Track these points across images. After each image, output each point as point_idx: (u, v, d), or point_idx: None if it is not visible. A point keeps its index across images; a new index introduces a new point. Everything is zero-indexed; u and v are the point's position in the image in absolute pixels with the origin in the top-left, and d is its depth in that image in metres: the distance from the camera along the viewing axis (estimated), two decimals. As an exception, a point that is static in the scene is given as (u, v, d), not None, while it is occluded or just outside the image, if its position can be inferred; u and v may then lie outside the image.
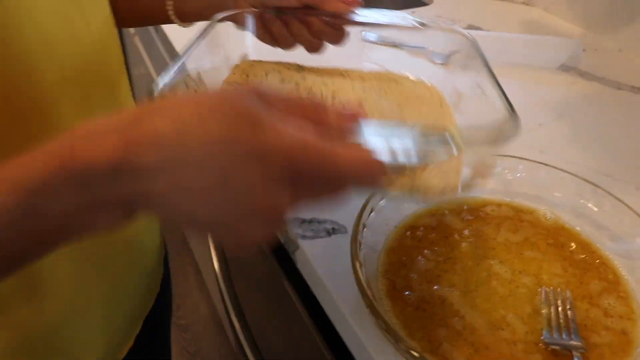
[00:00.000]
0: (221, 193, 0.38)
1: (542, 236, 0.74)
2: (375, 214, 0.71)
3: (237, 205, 0.39)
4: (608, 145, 0.99)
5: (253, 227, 0.40)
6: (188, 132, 0.37)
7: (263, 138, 0.38)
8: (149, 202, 0.39)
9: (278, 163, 0.38)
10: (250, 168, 0.38)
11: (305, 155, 0.39)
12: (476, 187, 0.71)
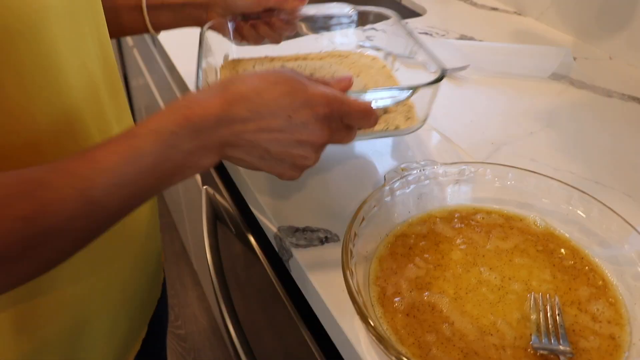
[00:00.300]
0: (287, 128, 0.60)
1: (531, 243, 0.74)
2: (367, 222, 0.72)
3: (297, 135, 0.60)
4: (598, 152, 1.00)
5: (305, 152, 0.62)
6: (263, 91, 0.58)
7: (310, 92, 0.60)
8: (239, 142, 0.59)
9: (321, 107, 0.61)
10: (305, 111, 0.60)
11: (336, 102, 0.62)
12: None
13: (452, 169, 0.80)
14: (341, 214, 0.82)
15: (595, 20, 1.39)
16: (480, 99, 1.15)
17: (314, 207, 0.84)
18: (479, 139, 1.01)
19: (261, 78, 0.60)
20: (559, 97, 1.17)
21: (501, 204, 0.80)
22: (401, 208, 0.77)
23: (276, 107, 0.59)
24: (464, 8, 1.67)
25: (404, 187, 0.78)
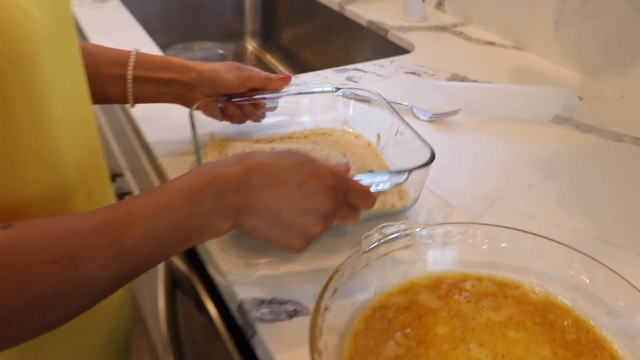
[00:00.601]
0: (298, 195, 0.71)
1: (528, 314, 0.74)
2: (340, 293, 0.72)
3: (307, 203, 0.71)
4: (606, 207, 1.00)
5: (313, 220, 0.72)
6: (277, 161, 0.71)
7: (318, 165, 0.73)
8: (255, 207, 0.69)
9: (328, 178, 0.72)
10: (314, 180, 0.71)
11: (341, 176, 0.75)
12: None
13: (437, 230, 0.81)
14: (313, 282, 0.82)
15: (604, 54, 1.41)
16: (472, 147, 1.16)
17: (282, 275, 0.84)
18: (470, 194, 1.01)
19: (274, 153, 0.73)
20: (562, 143, 1.19)
21: (493, 269, 0.80)
22: (379, 276, 0.77)
23: (289, 175, 0.71)
24: (457, 43, 1.69)
25: (383, 252, 0.78)
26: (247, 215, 0.70)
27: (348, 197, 0.76)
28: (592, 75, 1.45)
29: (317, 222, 0.73)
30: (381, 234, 0.79)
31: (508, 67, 1.52)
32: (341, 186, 0.74)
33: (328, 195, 0.72)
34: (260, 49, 2.34)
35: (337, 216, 0.76)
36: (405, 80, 1.44)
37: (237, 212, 0.69)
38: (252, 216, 0.70)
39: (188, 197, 0.66)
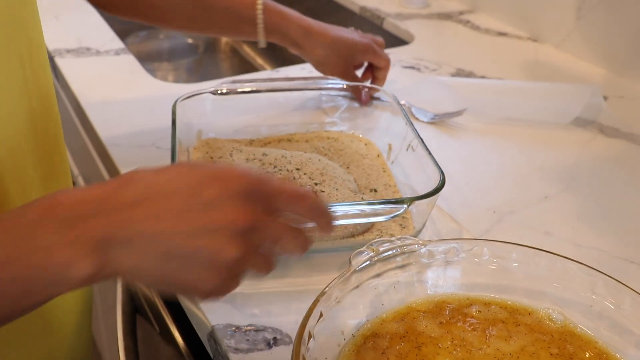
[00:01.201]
0: (190, 209, 0.57)
1: (544, 344, 0.75)
2: (326, 319, 0.72)
3: (205, 218, 0.57)
4: (634, 222, 1.02)
5: (220, 241, 0.57)
6: (159, 172, 0.59)
7: (220, 167, 0.61)
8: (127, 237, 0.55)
9: (234, 181, 0.59)
10: (213, 186, 0.58)
11: (257, 180, 0.61)
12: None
13: (438, 247, 0.81)
14: (296, 307, 0.82)
15: (633, 47, 1.42)
16: (479, 152, 1.17)
17: (260, 296, 0.84)
18: (476, 206, 1.02)
19: (159, 166, 0.61)
20: (583, 149, 1.20)
21: (503, 293, 0.80)
22: (371, 299, 0.78)
23: (173, 186, 0.58)
24: (463, 33, 1.70)
25: (376, 272, 0.78)
26: (120, 248, 0.55)
27: (272, 203, 0.63)
28: (619, 71, 1.46)
29: (228, 242, 0.58)
30: (373, 251, 0.79)
31: (522, 61, 1.53)
32: (258, 190, 0.61)
33: (235, 202, 0.58)
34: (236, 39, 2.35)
35: (262, 234, 0.61)
36: (403, 75, 1.45)
37: (99, 246, 0.55)
38: (128, 250, 0.55)
39: (13, 226, 0.54)
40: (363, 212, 0.87)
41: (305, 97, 1.15)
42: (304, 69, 1.44)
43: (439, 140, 1.19)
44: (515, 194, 1.06)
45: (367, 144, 1.13)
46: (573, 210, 1.03)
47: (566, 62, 1.53)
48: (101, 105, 1.26)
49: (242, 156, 1.04)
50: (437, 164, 0.92)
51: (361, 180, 1.03)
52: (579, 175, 1.11)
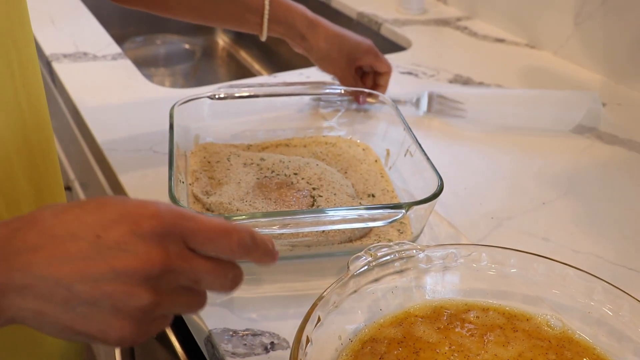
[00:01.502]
0: (95, 253, 0.53)
1: (541, 350, 0.75)
2: (324, 324, 0.72)
3: (111, 262, 0.53)
4: (632, 228, 1.02)
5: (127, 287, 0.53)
6: (63, 211, 0.55)
7: (130, 204, 0.55)
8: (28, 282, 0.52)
9: (145, 220, 0.54)
10: (120, 227, 0.54)
11: (174, 215, 0.56)
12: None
13: (436, 253, 0.81)
14: (293, 312, 0.82)
15: (632, 54, 1.42)
16: (477, 157, 1.18)
17: (257, 301, 0.84)
18: (475, 212, 1.02)
19: (67, 203, 0.57)
20: (581, 155, 1.20)
21: (501, 299, 0.80)
22: (369, 304, 0.78)
23: (78, 226, 0.54)
24: (461, 39, 1.71)
25: (373, 277, 0.78)
26: (20, 295, 0.53)
27: (189, 242, 0.57)
28: (617, 78, 1.46)
29: (137, 288, 0.53)
30: (371, 256, 0.79)
31: (519, 67, 1.54)
32: (173, 230, 0.56)
33: (147, 244, 0.54)
34: (233, 44, 2.34)
35: (178, 277, 0.56)
36: (401, 81, 1.45)
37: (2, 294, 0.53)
38: (30, 298, 0.53)
39: None
40: (361, 217, 0.86)
41: (303, 102, 1.15)
42: (301, 75, 1.44)
43: (437, 146, 1.19)
44: (513, 199, 1.06)
45: (365, 149, 1.13)
46: (571, 217, 1.03)
47: (564, 69, 1.53)
48: (98, 110, 1.25)
49: (240, 161, 1.04)
50: (435, 169, 0.92)
51: (359, 186, 1.03)
52: (577, 182, 1.11)
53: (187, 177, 1.01)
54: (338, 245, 0.91)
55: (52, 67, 1.47)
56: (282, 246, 0.89)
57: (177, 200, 0.84)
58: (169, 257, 0.55)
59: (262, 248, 0.60)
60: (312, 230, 0.88)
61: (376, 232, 0.94)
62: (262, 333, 0.80)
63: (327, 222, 0.86)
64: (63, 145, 1.81)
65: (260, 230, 0.85)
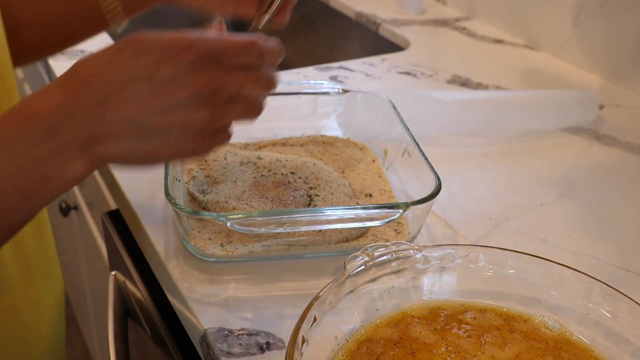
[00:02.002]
0: (154, 90, 0.62)
1: (538, 352, 0.74)
2: (320, 324, 0.71)
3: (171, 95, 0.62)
4: (631, 230, 1.01)
5: (193, 112, 0.64)
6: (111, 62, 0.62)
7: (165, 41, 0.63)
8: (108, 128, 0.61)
9: (184, 52, 0.63)
10: (166, 63, 0.62)
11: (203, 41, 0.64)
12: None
13: (434, 253, 0.81)
14: (289, 312, 0.82)
15: (631, 55, 1.42)
16: (475, 159, 1.18)
17: (253, 300, 0.84)
18: (472, 213, 1.02)
19: (105, 50, 0.65)
20: (580, 157, 1.20)
21: (499, 300, 0.80)
22: (366, 305, 0.77)
23: (131, 72, 0.62)
24: (459, 40, 1.70)
25: (370, 277, 0.78)
26: (104, 143, 0.63)
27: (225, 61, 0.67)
28: (616, 79, 1.46)
29: (193, 110, 0.65)
30: (368, 255, 0.78)
31: (518, 68, 1.53)
32: (209, 53, 0.65)
33: (193, 70, 0.64)
34: (232, 42, 2.34)
35: (226, 90, 0.67)
36: (399, 81, 1.45)
37: (83, 146, 0.62)
38: (112, 141, 0.63)
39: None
40: (358, 216, 0.86)
41: (300, 101, 1.14)
42: (299, 74, 1.44)
43: (434, 146, 1.18)
44: (511, 200, 1.05)
45: (362, 148, 1.13)
46: (569, 218, 1.02)
47: (563, 70, 1.53)
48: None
49: (237, 159, 1.03)
50: (433, 169, 0.92)
51: (356, 185, 1.03)
52: (575, 183, 1.11)
53: (183, 175, 1.00)
54: (335, 244, 0.91)
55: (48, 64, 1.46)
56: (278, 245, 0.89)
57: (173, 199, 0.83)
58: (211, 76, 0.64)
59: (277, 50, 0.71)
60: (308, 229, 0.88)
61: (373, 231, 0.94)
62: (258, 333, 0.79)
63: (324, 221, 0.86)
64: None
65: (256, 229, 0.85)
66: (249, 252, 0.88)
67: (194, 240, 0.88)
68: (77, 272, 2.04)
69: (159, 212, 0.97)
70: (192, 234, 0.89)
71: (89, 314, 2.06)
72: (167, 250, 0.91)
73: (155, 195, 0.99)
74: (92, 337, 2.18)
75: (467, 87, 1.42)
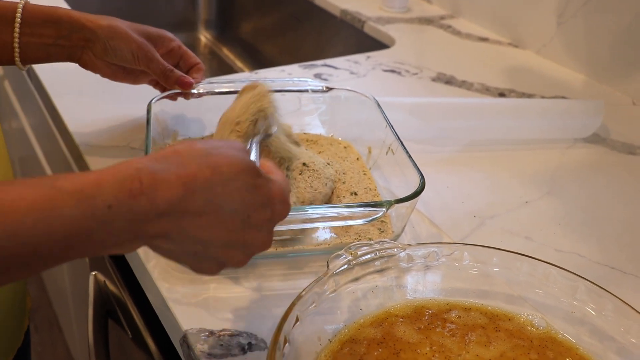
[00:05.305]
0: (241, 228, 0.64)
1: (523, 350, 0.74)
2: (303, 324, 0.71)
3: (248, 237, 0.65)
4: (615, 227, 1.01)
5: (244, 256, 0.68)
6: (228, 180, 0.63)
7: (272, 190, 0.67)
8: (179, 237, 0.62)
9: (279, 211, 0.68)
10: (264, 212, 0.66)
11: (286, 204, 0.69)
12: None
13: (418, 252, 0.80)
14: (271, 312, 0.81)
15: (614, 54, 1.42)
16: (460, 157, 1.17)
17: (235, 303, 0.83)
18: (457, 211, 1.02)
19: (224, 160, 0.64)
20: (564, 154, 1.19)
21: (484, 298, 0.80)
22: (349, 304, 0.77)
23: (238, 204, 0.64)
24: (444, 38, 1.70)
25: (353, 276, 0.77)
26: (166, 242, 0.63)
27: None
28: (599, 77, 1.46)
29: (245, 258, 0.68)
30: (352, 254, 0.78)
31: (502, 66, 1.53)
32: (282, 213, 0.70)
33: (271, 230, 0.68)
34: (216, 41, 2.34)
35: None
36: (383, 79, 1.44)
37: (153, 238, 0.62)
38: (172, 244, 0.63)
39: (87, 208, 0.57)
40: (341, 215, 0.85)
41: (284, 98, 1.13)
42: (283, 71, 1.43)
43: (419, 145, 1.18)
44: (496, 198, 1.05)
45: (346, 147, 1.12)
46: (553, 215, 1.02)
47: (547, 68, 1.53)
48: (75, 105, 1.24)
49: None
50: (417, 167, 0.92)
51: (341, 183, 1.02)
52: (560, 181, 1.11)
53: None
54: (317, 243, 0.90)
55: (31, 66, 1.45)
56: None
57: None
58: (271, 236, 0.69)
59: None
60: (290, 228, 0.87)
61: (357, 230, 0.93)
62: (240, 333, 0.78)
63: (307, 220, 0.85)
64: (39, 141, 1.79)
65: None
66: (231, 251, 0.88)
67: (174, 240, 0.87)
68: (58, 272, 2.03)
69: (140, 211, 0.96)
70: (173, 233, 0.88)
71: (70, 315, 2.05)
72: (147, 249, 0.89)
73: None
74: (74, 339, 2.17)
75: (451, 85, 1.42)
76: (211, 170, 0.62)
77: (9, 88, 2.15)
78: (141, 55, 1.02)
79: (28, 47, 1.00)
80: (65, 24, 1.00)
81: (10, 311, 0.99)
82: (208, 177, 0.62)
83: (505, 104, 1.32)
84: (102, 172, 0.59)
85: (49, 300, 2.57)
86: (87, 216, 0.56)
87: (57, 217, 0.55)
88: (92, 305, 1.11)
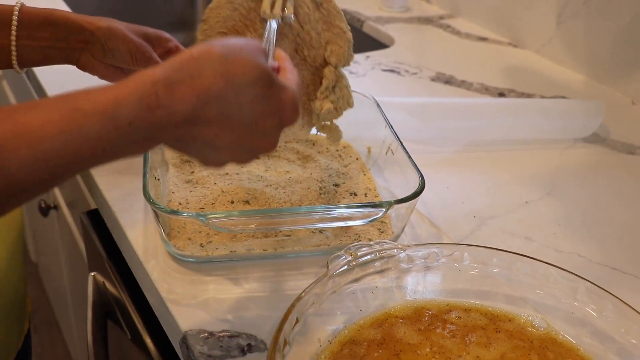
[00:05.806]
0: (249, 134, 0.68)
1: (524, 351, 0.74)
2: (302, 325, 0.71)
3: (255, 143, 0.69)
4: (615, 228, 1.01)
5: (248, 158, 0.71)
6: (241, 90, 0.65)
7: (283, 98, 0.69)
8: (192, 143, 0.66)
9: (288, 118, 0.70)
10: (272, 120, 0.69)
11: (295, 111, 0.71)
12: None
13: (418, 252, 0.80)
14: (271, 311, 0.81)
15: (614, 54, 1.42)
16: (460, 157, 1.17)
17: (234, 300, 0.83)
18: (457, 211, 1.01)
19: (239, 69, 0.66)
20: (563, 155, 1.19)
21: (484, 299, 0.79)
22: (349, 305, 0.77)
23: (248, 113, 0.67)
24: (443, 38, 1.70)
25: (353, 277, 0.77)
26: (177, 143, 0.67)
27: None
28: (599, 77, 1.46)
29: (251, 158, 0.72)
30: (351, 255, 0.78)
31: (502, 66, 1.53)
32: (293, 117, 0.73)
33: (279, 135, 0.72)
34: (214, 41, 2.33)
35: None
36: (383, 78, 1.44)
37: (167, 141, 0.67)
38: (184, 147, 0.68)
39: (112, 127, 0.61)
40: (340, 215, 0.85)
41: None
42: (282, 72, 1.43)
43: (418, 145, 1.17)
44: (495, 199, 1.05)
45: (346, 146, 1.12)
46: (554, 216, 1.02)
47: (546, 68, 1.53)
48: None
49: None
50: (417, 167, 0.92)
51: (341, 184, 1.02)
52: (559, 181, 1.11)
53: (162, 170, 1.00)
54: (317, 244, 0.90)
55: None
56: (259, 245, 0.88)
57: (151, 198, 0.83)
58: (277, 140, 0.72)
59: None
60: (290, 229, 0.87)
61: (356, 231, 0.93)
62: (239, 335, 0.78)
63: (306, 220, 0.85)
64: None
65: (237, 228, 0.85)
66: (230, 252, 0.87)
67: (173, 241, 0.87)
68: (57, 273, 2.03)
69: (139, 212, 0.96)
70: (171, 234, 0.88)
71: (69, 316, 2.05)
72: (146, 250, 0.90)
73: (135, 194, 0.98)
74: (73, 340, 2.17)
75: (451, 85, 1.42)
76: (225, 80, 0.65)
77: (8, 89, 2.14)
78: (139, 56, 1.02)
79: (25, 50, 1.00)
80: (62, 26, 1.00)
81: (10, 314, 1.00)
82: (222, 87, 0.64)
83: (504, 104, 1.31)
84: (120, 87, 0.62)
85: (48, 301, 2.57)
86: (112, 134, 0.60)
87: (84, 139, 0.59)
88: (91, 306, 1.10)
